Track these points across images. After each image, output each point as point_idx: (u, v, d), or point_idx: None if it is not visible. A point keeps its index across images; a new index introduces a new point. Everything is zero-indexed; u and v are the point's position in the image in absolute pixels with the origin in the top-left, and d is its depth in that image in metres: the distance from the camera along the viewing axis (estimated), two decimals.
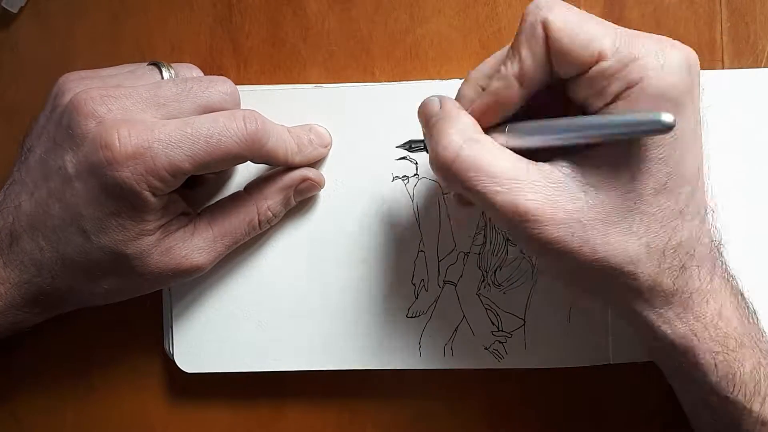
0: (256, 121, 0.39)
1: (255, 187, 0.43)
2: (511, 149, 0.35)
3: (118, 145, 0.36)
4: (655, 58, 0.33)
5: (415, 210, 0.44)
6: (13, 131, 0.44)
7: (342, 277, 0.45)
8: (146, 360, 0.47)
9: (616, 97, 0.33)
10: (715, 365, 0.36)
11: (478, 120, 0.36)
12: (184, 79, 0.40)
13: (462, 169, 0.34)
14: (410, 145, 0.41)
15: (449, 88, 0.44)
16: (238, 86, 0.42)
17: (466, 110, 0.37)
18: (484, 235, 0.44)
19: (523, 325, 0.44)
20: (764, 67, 0.45)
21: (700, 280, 0.36)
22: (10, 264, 0.39)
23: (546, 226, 0.34)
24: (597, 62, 0.33)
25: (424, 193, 0.44)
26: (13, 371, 0.47)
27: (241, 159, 0.39)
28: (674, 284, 0.35)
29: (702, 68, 0.44)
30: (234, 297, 0.45)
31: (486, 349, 0.44)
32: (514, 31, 0.45)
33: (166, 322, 0.45)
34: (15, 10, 0.46)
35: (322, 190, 0.44)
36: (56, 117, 0.39)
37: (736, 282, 0.38)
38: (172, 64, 0.43)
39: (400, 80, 0.45)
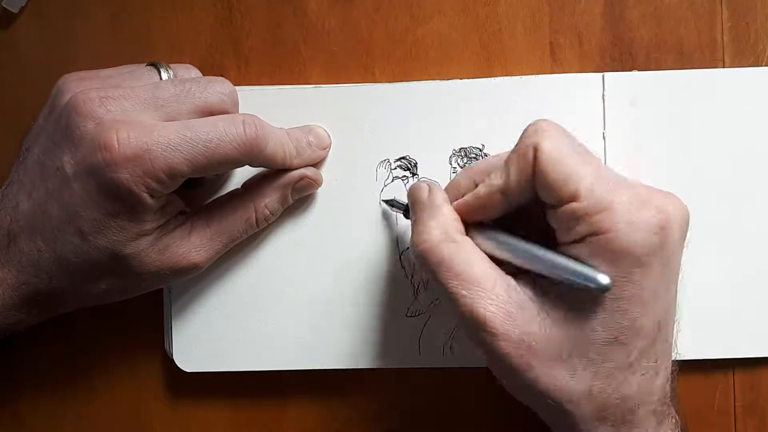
0: (255, 126, 0.39)
1: (252, 185, 0.43)
2: (486, 253, 0.37)
3: (116, 146, 0.36)
4: (627, 212, 0.33)
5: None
6: (13, 131, 0.44)
7: (341, 276, 0.45)
8: (146, 360, 0.47)
9: (581, 239, 0.34)
10: None
11: (462, 215, 0.38)
12: (183, 80, 0.40)
13: (435, 263, 0.36)
14: (392, 204, 0.43)
15: (449, 88, 0.44)
16: (238, 87, 0.42)
17: (456, 198, 0.38)
18: None
19: None
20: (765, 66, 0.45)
21: None
22: (8, 265, 0.39)
23: (499, 340, 0.35)
24: (571, 201, 0.34)
25: None
26: (14, 371, 0.47)
27: (239, 163, 0.39)
28: None
29: (702, 68, 0.45)
30: (233, 296, 0.45)
31: None
32: (514, 32, 0.45)
33: (166, 322, 0.45)
34: (15, 10, 0.46)
35: (321, 189, 0.44)
36: (55, 117, 0.39)
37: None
38: (171, 65, 0.42)
39: (400, 80, 0.45)
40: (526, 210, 0.37)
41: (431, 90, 0.44)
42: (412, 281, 0.44)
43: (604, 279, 0.33)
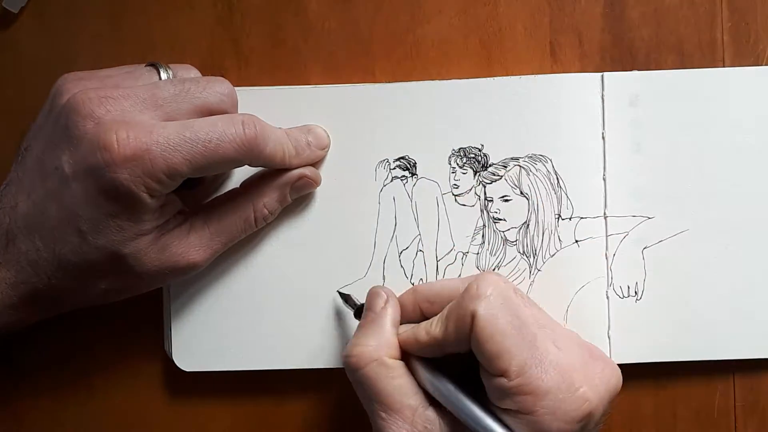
0: (254, 126, 0.39)
1: (251, 184, 0.43)
2: (419, 380, 0.38)
3: (116, 146, 0.36)
4: (553, 401, 0.35)
5: (414, 210, 0.44)
6: (13, 131, 0.44)
7: (340, 275, 0.45)
8: (146, 359, 0.47)
9: (507, 410, 0.35)
10: None
11: (402, 348, 0.39)
12: (182, 80, 0.40)
13: (362, 381, 0.38)
14: (346, 301, 0.43)
15: (449, 88, 0.44)
16: (238, 87, 0.42)
17: (403, 317, 0.40)
18: (483, 235, 0.44)
19: None
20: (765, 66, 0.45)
21: None
22: (6, 264, 0.39)
23: None
24: (500, 376, 0.35)
25: (422, 193, 0.44)
26: (14, 371, 0.47)
27: (238, 163, 0.39)
28: None
29: (702, 68, 0.45)
30: (232, 296, 0.45)
31: None
32: (514, 32, 0.45)
33: (165, 322, 0.45)
34: (15, 10, 0.46)
35: (320, 188, 0.44)
36: (54, 117, 0.39)
37: None
38: (171, 65, 0.42)
39: (400, 80, 0.45)
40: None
41: (431, 90, 0.44)
42: (411, 281, 0.44)
43: None
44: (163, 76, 0.42)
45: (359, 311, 0.42)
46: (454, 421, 0.37)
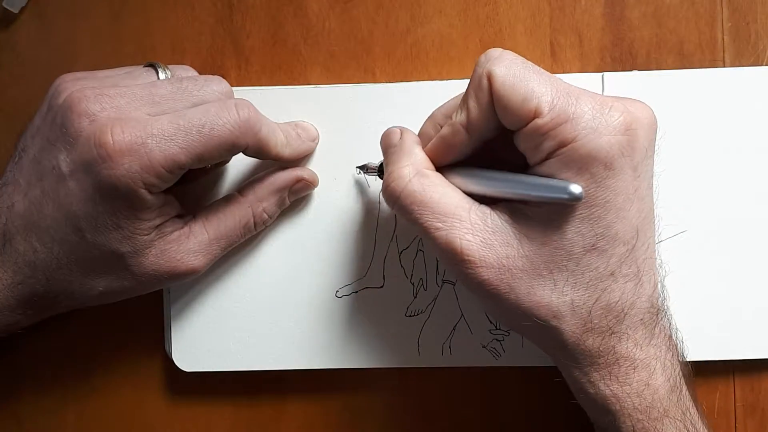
0: (248, 109, 0.39)
1: (249, 189, 0.43)
2: (459, 188, 0.37)
3: (111, 142, 0.36)
4: (591, 119, 0.34)
5: None
6: (13, 131, 0.44)
7: (340, 275, 0.45)
8: (147, 360, 0.47)
9: (550, 155, 0.34)
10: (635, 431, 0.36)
11: (432, 159, 0.38)
12: (179, 79, 0.40)
13: (408, 200, 0.36)
14: (366, 169, 0.43)
15: (450, 88, 0.44)
16: (238, 87, 0.42)
17: (424, 147, 0.38)
18: None
19: None
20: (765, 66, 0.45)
21: (629, 346, 0.36)
22: (3, 265, 0.39)
23: (478, 267, 0.35)
24: (533, 119, 0.34)
25: None
26: (14, 372, 0.47)
27: (235, 147, 0.39)
28: (600, 347, 0.35)
29: (702, 68, 0.45)
30: (232, 296, 0.45)
31: (484, 347, 0.44)
32: (514, 32, 0.45)
33: (165, 322, 0.45)
34: (16, 10, 0.46)
35: (320, 188, 0.44)
36: (51, 117, 0.39)
37: (677, 349, 0.38)
38: (169, 66, 0.43)
39: (400, 80, 0.45)
40: (494, 148, 0.37)
41: (431, 90, 0.44)
42: (411, 281, 0.44)
43: (575, 188, 0.33)
44: (162, 76, 0.42)
45: (381, 170, 0.42)
46: (508, 206, 0.36)
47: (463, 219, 0.36)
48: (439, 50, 0.46)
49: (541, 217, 0.35)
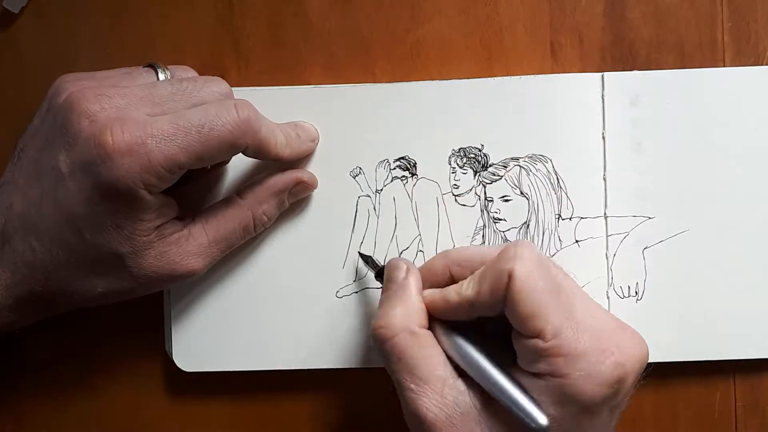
0: (247, 109, 0.39)
1: (248, 191, 0.43)
2: (445, 350, 0.37)
3: (111, 142, 0.36)
4: (588, 364, 0.34)
5: (414, 210, 0.44)
6: (13, 131, 0.44)
7: (340, 276, 0.45)
8: (147, 360, 0.47)
9: (538, 374, 0.35)
10: None
11: (429, 311, 0.38)
12: (179, 79, 0.40)
13: (391, 352, 0.37)
14: (367, 261, 0.43)
15: (449, 88, 0.44)
16: (238, 87, 0.42)
17: (429, 281, 0.39)
18: (483, 235, 0.44)
19: None
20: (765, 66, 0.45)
21: None
22: (2, 266, 0.39)
23: None
24: (536, 338, 0.34)
25: (423, 193, 0.44)
26: (14, 371, 0.47)
27: (235, 147, 0.39)
28: None
29: (703, 68, 0.45)
30: (232, 297, 0.45)
31: None
32: (514, 32, 0.45)
33: (166, 322, 0.45)
34: (16, 10, 0.46)
35: (320, 189, 0.44)
36: (50, 117, 0.39)
37: None
38: (169, 66, 0.42)
39: (400, 80, 0.45)
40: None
41: (431, 90, 0.44)
42: None
43: (542, 420, 0.34)
44: (161, 76, 0.42)
45: (380, 273, 0.42)
46: (484, 392, 0.36)
47: (436, 390, 0.36)
48: (439, 50, 0.46)
49: (507, 421, 0.35)
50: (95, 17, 0.47)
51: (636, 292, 0.44)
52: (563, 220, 0.44)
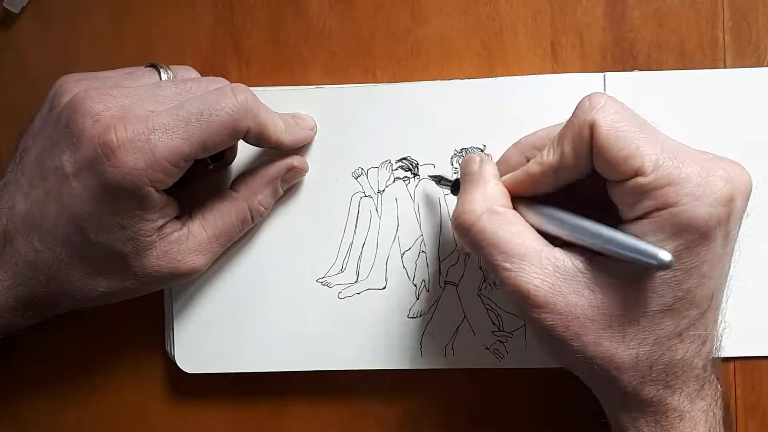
0: (245, 92, 0.39)
1: (241, 183, 0.43)
2: (535, 227, 0.36)
3: (115, 140, 0.36)
4: (695, 186, 0.33)
5: (416, 210, 0.44)
6: (14, 131, 0.44)
7: (343, 277, 0.45)
8: (147, 360, 0.47)
9: (646, 215, 0.33)
10: None
11: (511, 191, 0.37)
12: (183, 80, 0.41)
13: (478, 237, 0.36)
14: (440, 180, 0.43)
15: (450, 88, 0.44)
16: None
17: (506, 173, 0.38)
18: None
19: (524, 325, 0.44)
20: (766, 66, 0.45)
21: (681, 399, 0.36)
22: (3, 266, 0.39)
23: (544, 312, 0.34)
24: (635, 176, 0.33)
25: (424, 194, 0.44)
26: (15, 372, 0.47)
27: (236, 131, 0.39)
28: (653, 398, 0.35)
29: (703, 68, 0.45)
30: (234, 298, 0.45)
31: (487, 348, 0.44)
32: (515, 32, 0.45)
33: (167, 323, 0.45)
34: (17, 11, 0.46)
35: (321, 189, 0.44)
36: (54, 117, 0.39)
37: (721, 399, 0.37)
38: (171, 66, 0.43)
39: (401, 81, 0.45)
40: (579, 185, 0.36)
41: (432, 90, 0.44)
42: (413, 282, 0.44)
43: (666, 256, 0.32)
44: (164, 76, 0.42)
45: (456, 186, 0.41)
46: (585, 253, 0.35)
47: (533, 262, 0.35)
48: (439, 50, 0.46)
49: (619, 273, 0.34)
50: (96, 17, 0.47)
51: None
52: None
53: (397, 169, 0.44)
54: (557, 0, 0.45)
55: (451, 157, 0.44)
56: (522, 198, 0.37)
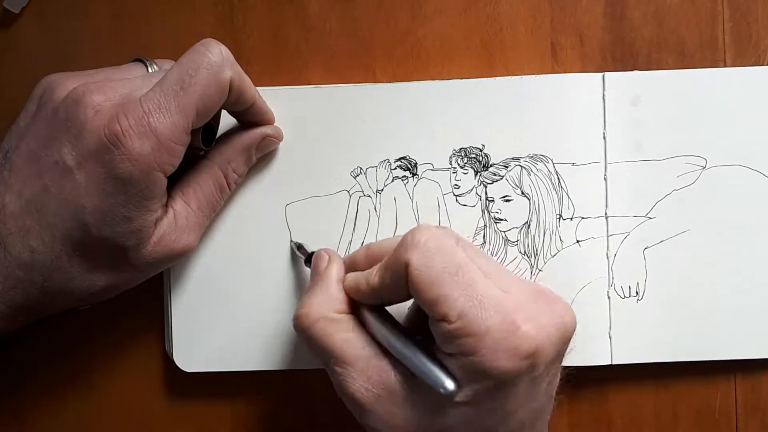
0: (217, 45, 0.39)
1: (215, 151, 0.43)
2: (372, 332, 0.38)
3: (120, 129, 0.36)
4: (495, 340, 0.34)
5: (415, 210, 0.44)
6: None
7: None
8: (147, 360, 0.47)
9: (451, 355, 0.35)
10: None
11: (350, 295, 0.39)
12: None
13: (311, 341, 0.38)
14: (299, 248, 0.44)
15: (450, 88, 0.44)
16: None
17: (352, 270, 0.40)
18: (484, 236, 0.44)
19: None
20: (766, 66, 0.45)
21: None
22: None
23: (369, 412, 0.37)
24: (442, 320, 0.34)
25: (423, 193, 0.44)
26: (14, 371, 0.47)
27: (222, 85, 0.38)
28: None
29: (703, 68, 0.45)
30: (233, 297, 0.45)
31: None
32: (515, 32, 0.45)
33: (166, 322, 0.45)
34: (16, 11, 0.46)
35: (322, 189, 0.44)
36: (47, 113, 0.38)
37: None
38: (156, 60, 0.42)
39: (401, 80, 0.45)
40: None
41: (432, 90, 0.44)
42: None
43: (450, 385, 0.34)
44: (150, 69, 0.42)
45: (309, 259, 0.42)
46: (407, 369, 0.37)
47: (360, 370, 0.37)
48: (439, 50, 0.46)
49: (431, 393, 0.35)
50: (95, 17, 0.47)
51: (637, 292, 0.44)
52: (564, 220, 0.44)
53: (396, 169, 0.44)
54: (557, 0, 0.45)
55: (450, 157, 0.44)
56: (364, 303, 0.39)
